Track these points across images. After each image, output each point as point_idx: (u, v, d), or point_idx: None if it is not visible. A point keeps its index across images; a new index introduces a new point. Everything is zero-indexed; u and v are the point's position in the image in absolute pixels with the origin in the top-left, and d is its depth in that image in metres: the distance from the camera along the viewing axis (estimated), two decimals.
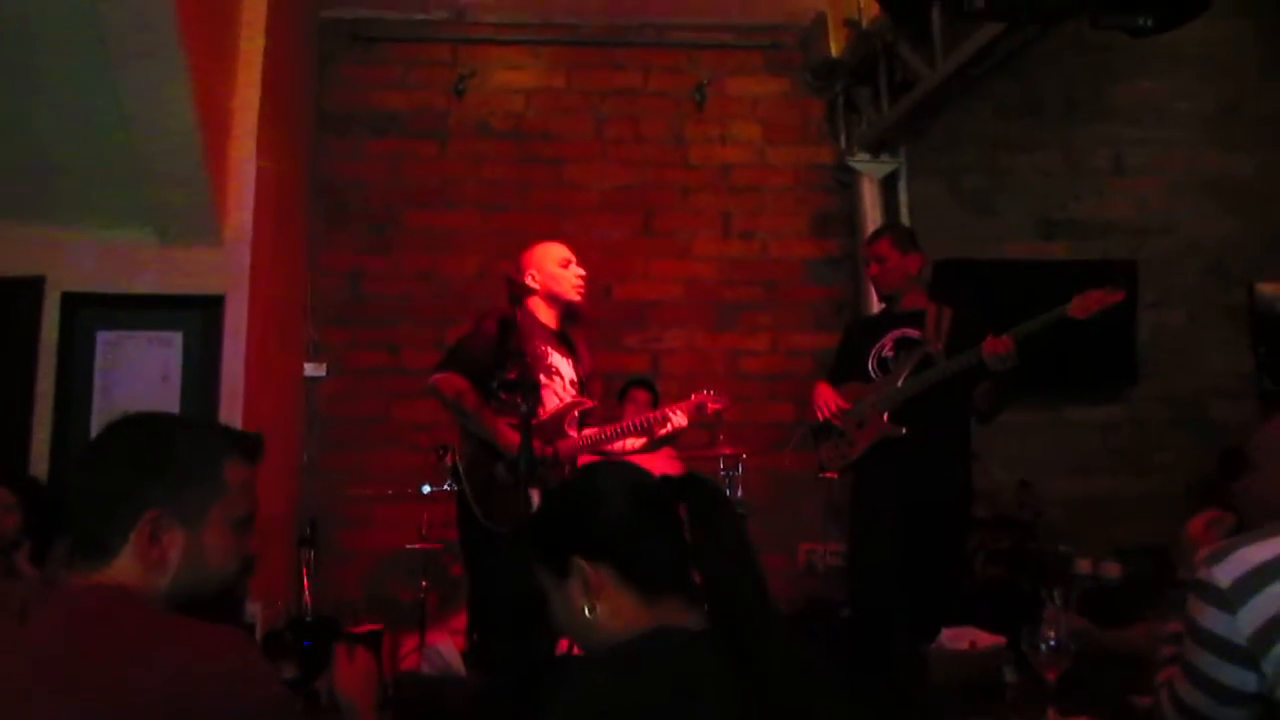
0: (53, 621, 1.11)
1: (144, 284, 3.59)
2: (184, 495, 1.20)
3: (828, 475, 3.50)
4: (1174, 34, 3.22)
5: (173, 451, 1.22)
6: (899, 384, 3.23)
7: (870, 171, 5.07)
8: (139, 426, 1.27)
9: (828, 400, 3.34)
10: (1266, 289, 5.25)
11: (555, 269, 3.09)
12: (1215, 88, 5.38)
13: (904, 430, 3.17)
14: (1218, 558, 1.39)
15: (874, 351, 3.36)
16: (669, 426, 3.00)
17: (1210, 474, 3.93)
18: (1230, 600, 1.34)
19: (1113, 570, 4.40)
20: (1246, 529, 1.56)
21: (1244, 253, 5.25)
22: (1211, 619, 1.37)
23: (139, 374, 3.53)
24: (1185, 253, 5.24)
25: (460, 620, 3.83)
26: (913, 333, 3.31)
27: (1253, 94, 5.40)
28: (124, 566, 1.17)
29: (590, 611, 1.21)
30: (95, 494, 1.21)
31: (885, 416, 3.22)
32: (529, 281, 3.07)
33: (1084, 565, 4.50)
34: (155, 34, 3.01)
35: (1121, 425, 5.12)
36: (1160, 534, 4.62)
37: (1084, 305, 2.88)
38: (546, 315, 3.10)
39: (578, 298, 3.10)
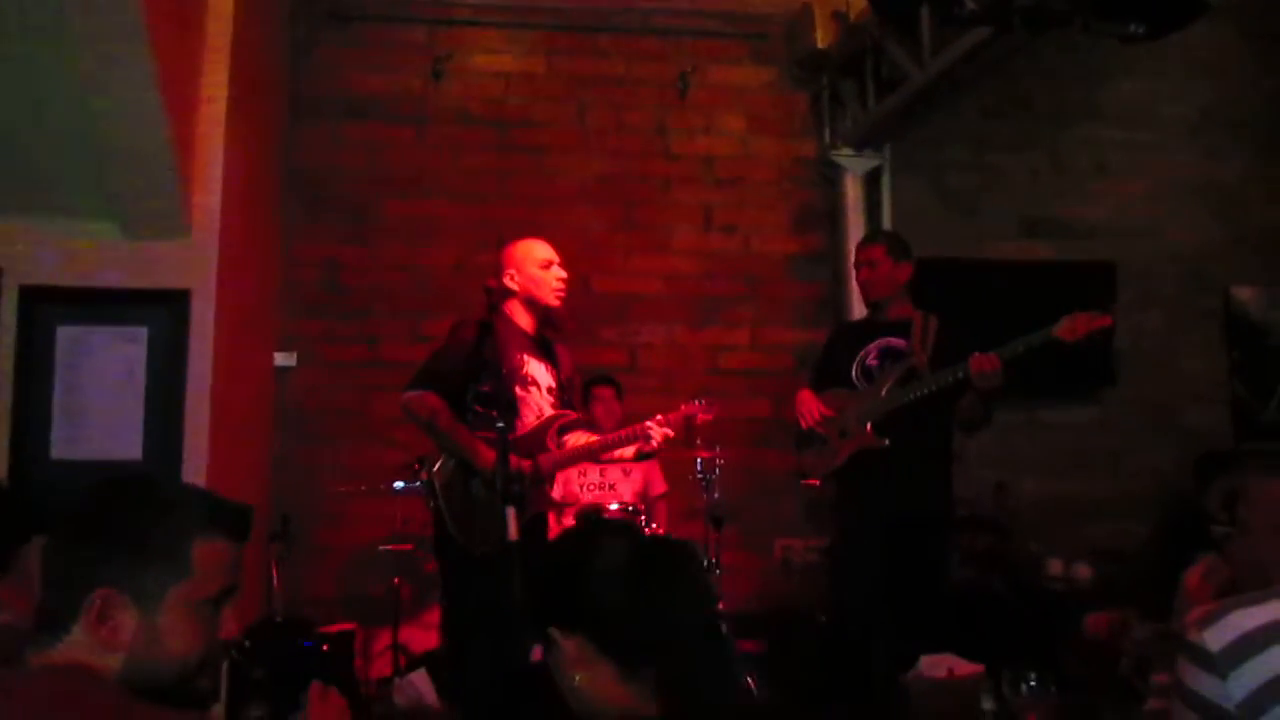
0: (8, 707, 1.06)
1: (107, 278, 3.44)
2: (142, 574, 1.14)
3: (809, 482, 3.48)
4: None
5: (136, 527, 1.16)
6: (882, 394, 3.20)
7: (854, 167, 5.02)
8: (108, 497, 1.21)
9: (811, 408, 3.31)
10: (1241, 293, 5.27)
11: (536, 271, 2.99)
12: (1200, 92, 5.37)
13: (886, 442, 3.15)
14: (1209, 621, 1.37)
15: (858, 359, 3.33)
16: (654, 443, 2.94)
17: (1185, 487, 3.93)
18: (1220, 665, 1.33)
19: (1084, 573, 4.44)
20: (1240, 585, 1.54)
21: (1223, 257, 5.28)
22: (1201, 683, 1.35)
23: (102, 371, 3.41)
24: (1165, 256, 5.25)
25: (433, 615, 3.79)
26: (898, 342, 3.28)
27: (1237, 99, 5.40)
28: (75, 644, 1.13)
29: (575, 681, 1.26)
30: (54, 567, 1.18)
31: (869, 427, 3.20)
32: (508, 282, 2.97)
33: (1056, 567, 4.54)
34: (117, 16, 2.85)
35: (1096, 427, 5.15)
36: (1132, 536, 4.69)
37: (1072, 328, 2.88)
38: (524, 320, 3.01)
39: (556, 303, 3.01)
